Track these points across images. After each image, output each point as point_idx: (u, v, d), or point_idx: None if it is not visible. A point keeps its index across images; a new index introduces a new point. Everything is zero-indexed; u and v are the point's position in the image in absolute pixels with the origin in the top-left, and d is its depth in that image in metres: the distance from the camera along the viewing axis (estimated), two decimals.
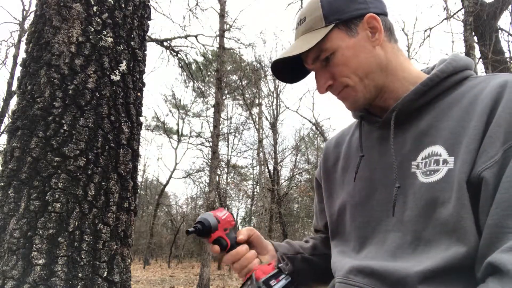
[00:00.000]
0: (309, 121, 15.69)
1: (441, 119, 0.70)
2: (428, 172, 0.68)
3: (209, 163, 14.82)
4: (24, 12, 11.83)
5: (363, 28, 0.75)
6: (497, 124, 0.61)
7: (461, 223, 0.61)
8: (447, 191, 0.64)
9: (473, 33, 5.96)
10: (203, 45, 10.86)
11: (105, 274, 1.39)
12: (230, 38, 10.98)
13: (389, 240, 0.72)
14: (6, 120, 10.58)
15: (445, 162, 0.66)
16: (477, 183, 0.61)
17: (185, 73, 10.46)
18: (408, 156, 0.72)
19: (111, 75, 1.55)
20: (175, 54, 9.44)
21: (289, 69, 0.85)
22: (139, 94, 1.70)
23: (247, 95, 15.66)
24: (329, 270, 0.86)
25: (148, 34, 2.74)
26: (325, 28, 0.74)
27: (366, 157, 0.81)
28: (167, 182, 19.50)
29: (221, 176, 18.26)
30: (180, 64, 9.67)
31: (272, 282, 0.79)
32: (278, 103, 16.15)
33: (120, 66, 1.59)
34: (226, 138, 18.69)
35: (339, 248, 0.85)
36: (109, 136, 1.50)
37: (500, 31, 6.23)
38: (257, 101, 16.31)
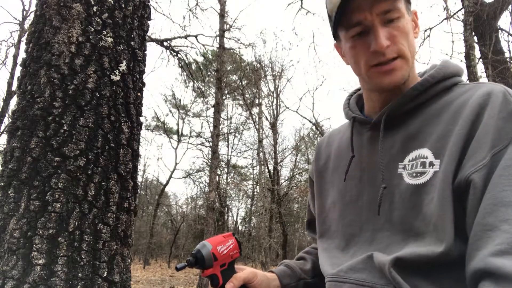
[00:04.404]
0: (309, 121, 15.70)
1: (429, 123, 0.72)
2: (414, 174, 0.70)
3: (209, 163, 14.83)
4: (24, 12, 11.82)
5: (412, 17, 0.77)
6: (484, 130, 0.63)
7: (440, 222, 0.64)
8: (433, 192, 0.66)
9: (473, 33, 5.96)
10: (203, 45, 10.83)
11: (105, 274, 1.39)
12: (230, 38, 10.97)
13: (378, 240, 0.74)
14: (6, 120, 10.58)
15: (431, 164, 0.68)
16: (464, 185, 0.63)
17: (185, 73, 10.46)
18: (395, 157, 0.74)
19: (111, 75, 1.55)
20: (175, 54, 9.43)
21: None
22: (139, 94, 1.70)
23: (247, 95, 15.66)
24: None
25: (148, 34, 2.74)
26: None
27: (356, 157, 0.82)
28: (167, 182, 19.50)
29: (221, 176, 18.27)
30: (180, 64, 9.67)
31: None
32: (278, 103, 16.16)
33: (120, 66, 1.59)
34: (226, 138, 18.69)
35: (324, 245, 0.87)
36: (109, 136, 1.50)
37: (500, 31, 6.23)
38: (257, 101, 16.31)
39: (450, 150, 0.65)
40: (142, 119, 1.73)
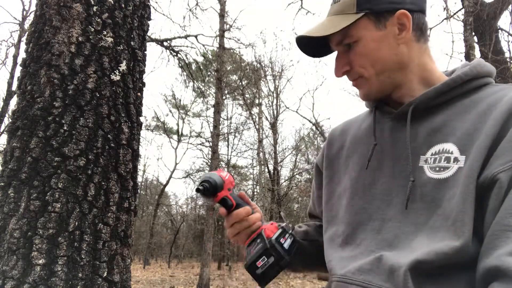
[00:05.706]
0: (309, 121, 15.72)
1: (456, 118, 0.71)
2: (437, 168, 0.69)
3: (209, 163, 14.83)
4: (24, 12, 11.81)
5: (392, 23, 0.75)
6: None
7: (460, 216, 0.62)
8: (455, 188, 0.65)
9: (473, 33, 5.96)
10: (203, 45, 10.85)
11: (105, 274, 1.39)
12: (230, 38, 10.97)
13: (386, 230, 0.72)
14: (6, 120, 10.57)
15: (456, 160, 0.67)
16: (489, 184, 0.62)
17: (185, 73, 10.45)
18: (417, 149, 0.73)
19: (111, 75, 1.55)
20: (175, 54, 9.44)
21: (315, 43, 0.84)
22: (139, 94, 1.70)
23: (247, 95, 15.67)
24: (318, 257, 0.89)
25: (148, 34, 2.74)
26: (354, 15, 0.75)
27: (376, 146, 0.81)
28: (167, 182, 19.50)
29: None
30: (180, 64, 9.67)
31: (282, 240, 0.81)
32: (278, 103, 16.17)
33: (120, 66, 1.59)
34: (226, 138, 18.69)
35: (328, 233, 0.86)
36: (109, 136, 1.50)
37: (500, 31, 6.23)
38: (257, 101, 16.33)
39: (478, 147, 0.64)
40: (142, 119, 1.73)
